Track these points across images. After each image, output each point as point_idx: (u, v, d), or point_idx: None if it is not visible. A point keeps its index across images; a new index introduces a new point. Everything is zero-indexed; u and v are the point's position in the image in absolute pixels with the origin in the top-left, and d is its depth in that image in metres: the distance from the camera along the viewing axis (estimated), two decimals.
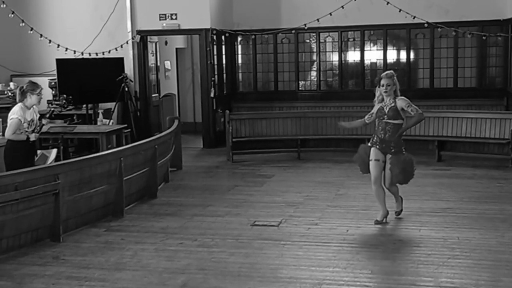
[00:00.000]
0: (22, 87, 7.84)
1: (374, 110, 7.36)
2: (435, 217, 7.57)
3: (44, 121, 7.99)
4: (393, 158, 7.20)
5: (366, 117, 7.50)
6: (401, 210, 7.53)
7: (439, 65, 13.61)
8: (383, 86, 7.15)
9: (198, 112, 15.24)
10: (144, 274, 5.87)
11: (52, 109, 8.35)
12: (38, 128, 7.89)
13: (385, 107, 7.20)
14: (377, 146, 7.26)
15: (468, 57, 13.49)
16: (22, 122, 7.67)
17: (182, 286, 5.54)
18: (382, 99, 7.23)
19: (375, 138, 7.33)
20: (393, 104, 7.14)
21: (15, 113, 7.70)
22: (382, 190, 7.28)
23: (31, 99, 7.72)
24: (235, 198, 8.86)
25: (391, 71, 7.32)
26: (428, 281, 5.49)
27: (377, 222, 7.27)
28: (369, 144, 7.41)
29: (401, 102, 7.15)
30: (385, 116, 7.19)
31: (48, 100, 12.20)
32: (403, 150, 7.28)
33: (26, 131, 7.74)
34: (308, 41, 14.18)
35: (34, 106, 7.94)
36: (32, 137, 7.76)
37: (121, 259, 6.33)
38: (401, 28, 13.56)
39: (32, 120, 7.80)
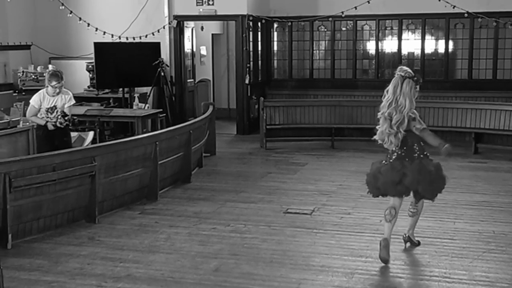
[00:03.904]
0: (48, 73, 7.97)
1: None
2: (471, 210, 7.48)
3: (60, 120, 7.84)
4: None
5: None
6: None
7: (478, 56, 13.35)
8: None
9: (232, 98, 15.25)
10: (177, 257, 5.93)
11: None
12: (55, 120, 7.83)
13: None
14: None
15: (508, 48, 13.19)
16: (37, 108, 7.79)
17: (215, 271, 5.58)
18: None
19: None
20: None
21: (32, 99, 7.91)
22: None
23: (48, 88, 7.84)
24: (268, 185, 8.87)
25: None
26: (462, 274, 5.44)
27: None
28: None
29: None
30: None
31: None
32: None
33: (48, 117, 7.84)
34: (344, 29, 14.06)
35: (68, 92, 8.01)
36: (49, 126, 7.82)
37: (154, 242, 6.41)
38: (440, 17, 13.34)
39: (55, 107, 7.85)
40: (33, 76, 12.49)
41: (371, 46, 13.99)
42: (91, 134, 9.10)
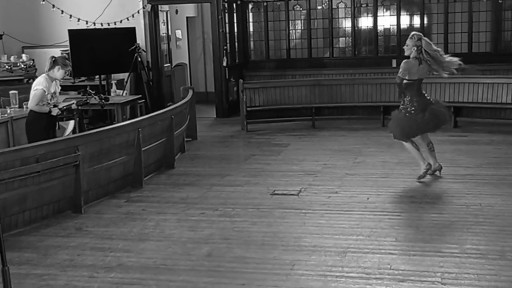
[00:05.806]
0: (54, 57, 7.80)
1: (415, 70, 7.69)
2: (456, 183, 7.54)
3: (73, 105, 8.19)
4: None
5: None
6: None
7: (453, 30, 13.40)
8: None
9: (209, 81, 15.16)
10: (168, 244, 5.89)
11: (85, 98, 8.77)
12: (64, 107, 7.96)
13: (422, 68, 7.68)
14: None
15: (483, 21, 13.26)
16: (46, 93, 7.64)
17: (207, 256, 5.55)
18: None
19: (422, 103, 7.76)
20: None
21: (39, 84, 7.67)
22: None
23: (58, 72, 7.69)
24: (253, 167, 8.85)
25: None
26: (454, 247, 5.47)
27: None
28: (414, 111, 7.68)
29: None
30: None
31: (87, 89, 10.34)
32: None
33: (49, 103, 7.73)
34: (320, 7, 14.00)
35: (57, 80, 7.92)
36: (54, 112, 7.75)
37: (143, 229, 6.35)
38: None
39: (55, 93, 7.80)
40: (6, 66, 12.21)
41: (347, 24, 13.96)
42: (71, 123, 8.94)
